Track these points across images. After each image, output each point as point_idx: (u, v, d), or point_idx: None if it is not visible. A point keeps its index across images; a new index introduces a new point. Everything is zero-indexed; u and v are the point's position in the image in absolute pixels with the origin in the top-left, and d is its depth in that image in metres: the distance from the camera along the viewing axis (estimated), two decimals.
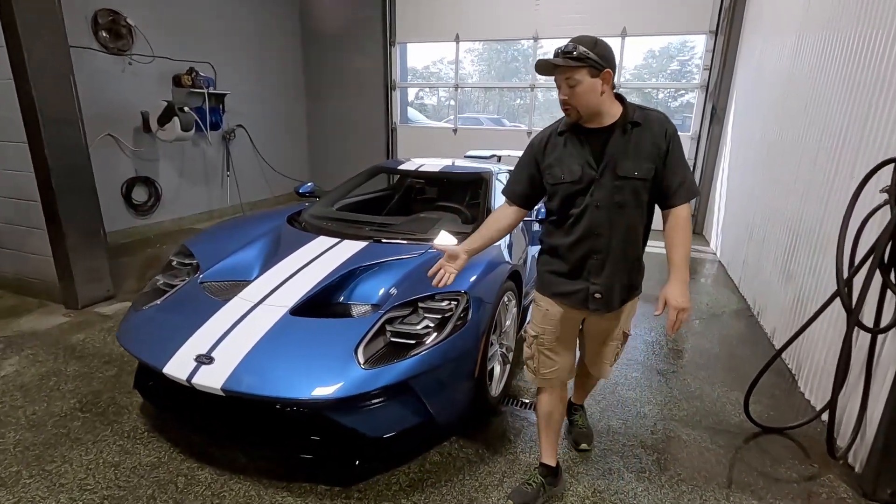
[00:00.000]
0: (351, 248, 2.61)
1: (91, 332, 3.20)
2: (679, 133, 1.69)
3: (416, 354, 1.89)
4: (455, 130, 7.26)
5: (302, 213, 3.26)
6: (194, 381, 1.82)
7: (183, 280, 2.46)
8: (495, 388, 2.45)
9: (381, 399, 1.86)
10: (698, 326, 3.57)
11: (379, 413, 1.88)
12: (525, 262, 3.04)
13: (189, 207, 6.11)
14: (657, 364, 3.00)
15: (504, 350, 2.58)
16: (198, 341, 1.97)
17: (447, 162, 3.86)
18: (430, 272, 1.78)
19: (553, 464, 1.94)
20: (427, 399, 1.94)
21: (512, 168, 4.20)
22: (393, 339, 1.96)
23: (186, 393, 1.94)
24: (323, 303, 2.27)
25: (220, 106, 6.09)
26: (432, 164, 3.67)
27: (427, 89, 9.99)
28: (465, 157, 5.23)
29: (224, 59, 6.17)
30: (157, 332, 2.12)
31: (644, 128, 1.58)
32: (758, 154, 4.23)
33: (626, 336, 1.91)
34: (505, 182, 3.71)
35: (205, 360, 1.88)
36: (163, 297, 2.35)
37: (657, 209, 1.68)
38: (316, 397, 1.74)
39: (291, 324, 2.03)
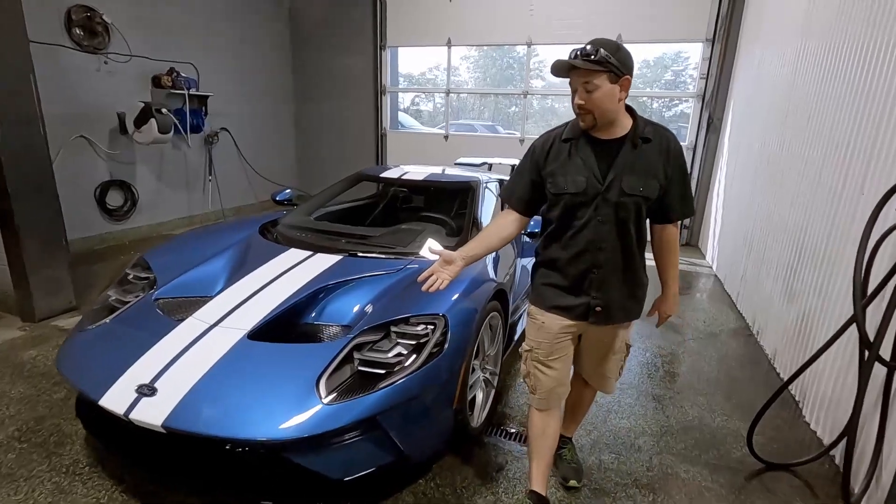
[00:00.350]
0: (323, 262, 2.41)
1: (45, 348, 2.97)
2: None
3: (386, 386, 1.69)
4: (446, 137, 7.09)
5: (277, 222, 3.06)
6: (132, 415, 1.61)
7: (136, 296, 2.24)
8: (477, 418, 2.25)
9: (345, 437, 1.65)
10: (695, 346, 3.38)
11: (343, 452, 1.67)
12: (514, 276, 2.85)
13: (168, 212, 5.88)
14: (652, 388, 2.81)
15: (487, 375, 2.38)
16: (142, 369, 1.75)
17: (434, 169, 3.67)
18: (421, 277, 1.61)
19: (544, 492, 1.76)
20: (398, 436, 1.73)
21: (503, 177, 4.09)
22: (361, 369, 1.75)
23: (129, 426, 1.72)
24: (288, 324, 2.06)
25: (203, 108, 5.88)
26: (417, 172, 3.49)
27: (423, 95, 9.84)
28: (456, 164, 5.07)
29: (207, 60, 5.97)
30: (100, 356, 1.90)
31: (653, 144, 1.53)
32: (757, 165, 4.08)
33: (628, 348, 1.83)
34: (496, 191, 3.57)
35: (146, 391, 1.66)
36: (112, 316, 2.13)
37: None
38: (268, 438, 1.53)
39: (248, 350, 1.82)
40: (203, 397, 1.63)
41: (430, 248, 1.65)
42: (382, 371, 1.74)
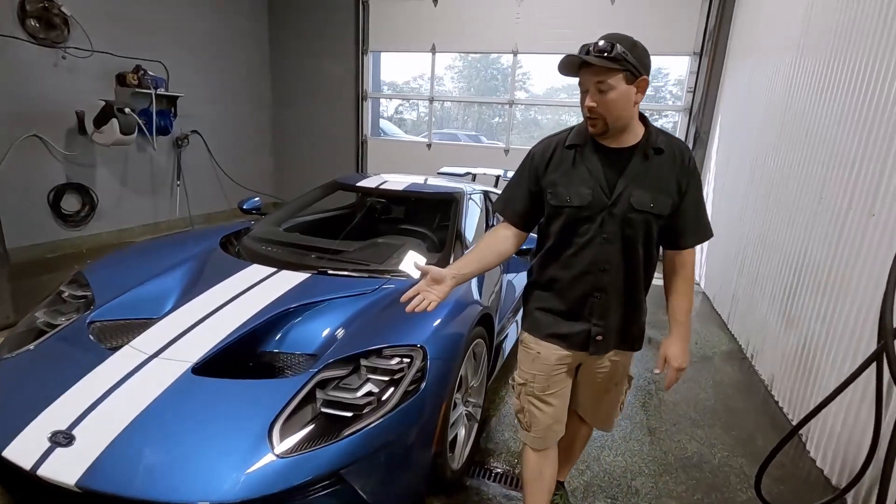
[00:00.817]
0: (288, 280, 2.15)
1: None
2: None
3: (354, 433, 1.44)
4: (429, 145, 6.88)
5: (241, 233, 2.79)
6: (42, 471, 1.32)
7: (69, 318, 1.95)
8: (458, 459, 2.00)
9: (301, 495, 1.40)
10: (689, 371, 3.19)
11: None
12: (500, 295, 2.63)
13: (132, 218, 5.51)
14: (647, 419, 2.60)
15: (470, 409, 2.14)
16: (60, 411, 1.47)
17: (415, 179, 3.44)
18: (405, 296, 1.38)
19: None
20: (366, 489, 1.48)
21: (489, 188, 3.88)
22: (325, 410, 1.50)
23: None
24: (243, 354, 1.80)
25: (172, 109, 5.55)
26: (397, 182, 3.25)
27: (407, 104, 9.64)
28: (439, 174, 4.86)
29: (179, 59, 5.65)
30: (13, 393, 1.61)
31: (666, 156, 1.36)
32: (749, 180, 3.96)
33: (630, 380, 1.68)
34: (480, 203, 3.35)
35: (62, 439, 1.38)
36: (37, 341, 1.83)
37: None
38: (205, 501, 1.26)
39: (191, 387, 1.55)
40: (129, 450, 1.35)
41: (417, 264, 1.42)
42: (349, 414, 1.49)
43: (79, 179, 4.90)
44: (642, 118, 1.38)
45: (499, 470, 2.13)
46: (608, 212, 1.34)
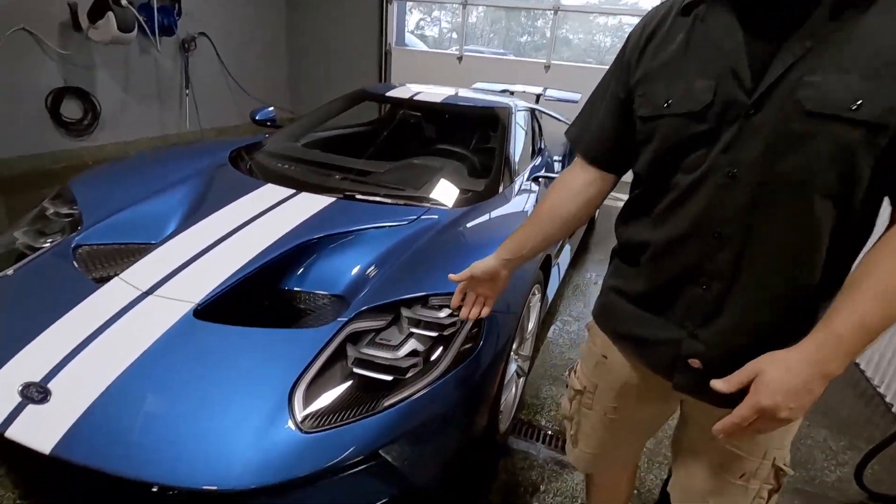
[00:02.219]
0: (309, 205, 1.79)
1: None
2: None
3: (395, 404, 1.14)
4: (460, 58, 6.18)
5: (255, 148, 2.40)
6: (10, 432, 1.06)
7: (52, 240, 1.63)
8: (506, 419, 1.74)
9: (330, 476, 1.12)
10: None
11: (327, 493, 1.15)
12: None
13: (138, 130, 5.10)
14: None
15: (520, 363, 1.85)
16: (34, 358, 1.19)
17: (451, 91, 2.95)
18: (453, 304, 1.06)
19: None
20: (409, 467, 1.20)
21: (534, 106, 3.36)
22: (358, 372, 1.20)
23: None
24: (257, 292, 1.49)
25: (175, 6, 4.94)
26: (432, 94, 2.77)
27: (429, 18, 8.73)
28: (473, 89, 4.31)
29: None
30: None
31: (887, 8, 0.63)
32: None
33: (779, 476, 0.85)
34: (525, 124, 2.88)
35: (35, 394, 1.11)
36: (15, 266, 1.54)
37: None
38: (212, 486, 0.99)
39: (192, 334, 1.25)
40: (115, 414, 1.07)
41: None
42: (389, 378, 1.19)
43: (78, 83, 4.45)
44: None
45: (548, 431, 1.87)
46: (744, 122, 0.69)
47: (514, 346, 1.71)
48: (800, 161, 0.66)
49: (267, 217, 1.72)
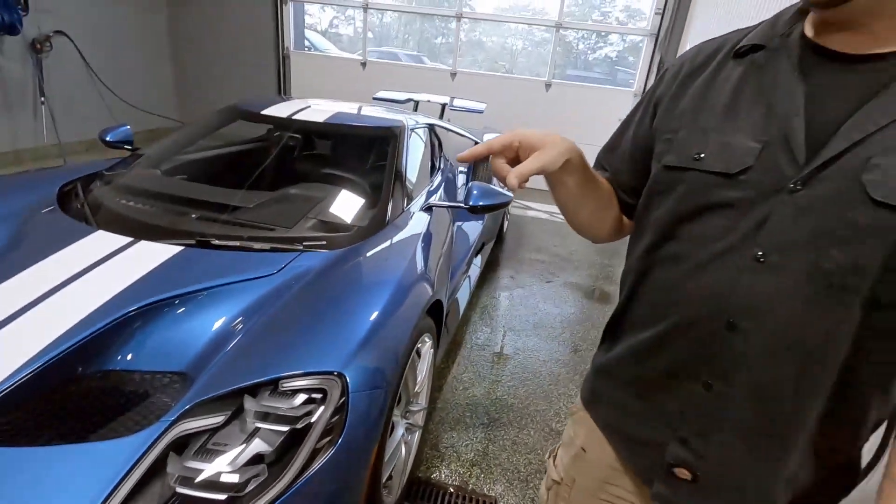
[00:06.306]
0: (148, 257, 1.48)
1: None
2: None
3: None
4: (364, 64, 5.92)
5: (92, 179, 2.02)
6: None
7: None
8: (396, 489, 1.55)
9: None
10: None
11: None
12: (450, 253, 2.13)
13: None
14: None
15: (413, 419, 1.67)
16: None
17: (345, 106, 2.71)
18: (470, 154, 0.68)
19: None
20: None
21: (435, 121, 3.20)
22: (182, 492, 0.95)
23: None
24: (69, 379, 1.18)
25: (20, 1, 4.24)
26: (320, 110, 2.52)
27: (343, 16, 8.33)
28: (374, 99, 4.10)
29: None
30: None
31: None
32: None
33: None
34: (425, 138, 2.71)
35: None
36: None
37: None
38: None
39: None
40: None
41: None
42: (222, 497, 0.95)
43: None
44: None
45: (449, 488, 1.71)
46: (787, 198, 0.57)
47: (402, 406, 1.54)
48: (852, 257, 0.54)
49: (88, 277, 1.39)
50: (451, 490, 1.71)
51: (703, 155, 0.63)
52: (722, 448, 0.64)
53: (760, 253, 0.58)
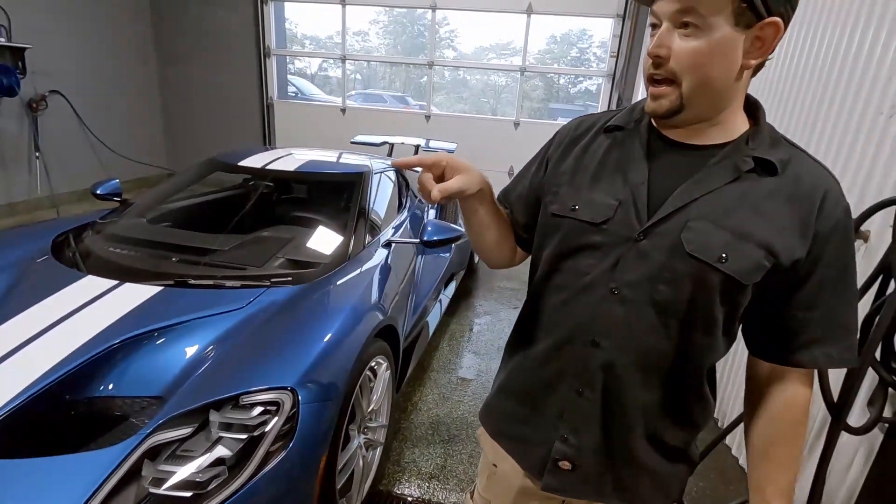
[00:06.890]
0: (130, 297, 1.69)
1: None
2: None
3: None
4: (343, 110, 6.29)
5: (83, 230, 2.24)
6: None
7: None
8: (356, 499, 1.71)
9: None
10: None
11: None
12: (415, 278, 2.35)
13: None
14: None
15: (371, 435, 1.84)
16: None
17: (318, 155, 2.99)
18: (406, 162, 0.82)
19: None
20: None
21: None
22: (154, 492, 1.13)
23: None
24: (58, 405, 1.36)
25: (19, 64, 4.55)
26: (293, 159, 2.78)
27: (332, 61, 8.80)
28: (352, 143, 4.40)
29: (24, 2, 4.60)
30: None
31: (785, 181, 0.73)
32: None
33: None
34: (395, 180, 2.97)
35: None
36: None
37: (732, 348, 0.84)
38: None
39: None
40: None
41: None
42: (188, 494, 1.13)
43: None
44: (751, 104, 0.78)
45: (408, 499, 1.87)
46: (633, 245, 0.76)
47: (358, 422, 1.72)
48: (672, 291, 0.75)
49: (77, 317, 1.59)
50: (410, 500, 1.87)
51: (577, 207, 0.82)
52: (590, 442, 0.83)
53: (614, 286, 0.77)
